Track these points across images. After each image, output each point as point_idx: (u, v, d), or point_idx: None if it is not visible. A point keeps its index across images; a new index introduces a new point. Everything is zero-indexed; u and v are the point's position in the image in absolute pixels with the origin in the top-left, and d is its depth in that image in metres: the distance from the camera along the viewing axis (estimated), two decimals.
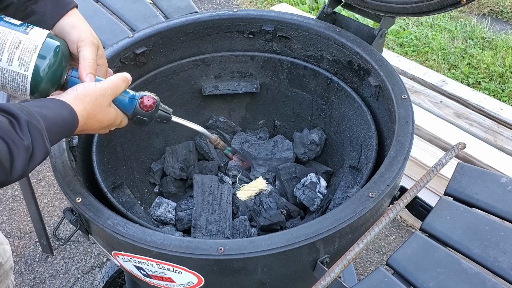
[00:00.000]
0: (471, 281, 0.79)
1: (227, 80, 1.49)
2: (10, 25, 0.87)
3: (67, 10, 0.95)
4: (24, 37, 0.86)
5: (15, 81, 0.87)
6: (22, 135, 0.70)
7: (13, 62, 0.85)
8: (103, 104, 0.88)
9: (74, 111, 0.81)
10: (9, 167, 0.69)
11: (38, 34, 0.88)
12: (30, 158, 0.72)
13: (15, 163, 0.70)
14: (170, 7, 1.52)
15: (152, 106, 0.94)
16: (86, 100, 0.85)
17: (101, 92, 0.87)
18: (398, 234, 2.05)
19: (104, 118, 0.88)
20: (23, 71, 0.86)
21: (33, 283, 1.90)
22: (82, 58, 0.91)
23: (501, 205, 0.91)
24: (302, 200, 1.28)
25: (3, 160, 0.68)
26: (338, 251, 0.90)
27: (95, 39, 0.95)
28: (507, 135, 2.06)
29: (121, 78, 0.92)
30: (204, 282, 0.88)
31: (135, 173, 1.37)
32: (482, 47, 2.98)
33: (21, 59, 0.85)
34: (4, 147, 0.68)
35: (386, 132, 1.17)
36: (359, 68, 1.26)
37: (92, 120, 0.86)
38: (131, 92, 0.95)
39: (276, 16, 1.37)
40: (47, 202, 2.21)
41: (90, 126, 0.86)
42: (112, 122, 0.91)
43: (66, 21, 0.94)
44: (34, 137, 0.72)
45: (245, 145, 1.43)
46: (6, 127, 0.69)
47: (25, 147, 0.70)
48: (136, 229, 0.88)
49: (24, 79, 0.86)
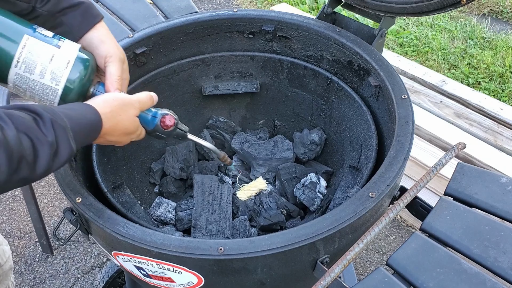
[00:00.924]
0: (471, 281, 0.79)
1: (227, 80, 1.49)
2: (43, 38, 0.88)
3: (95, 23, 0.96)
4: (57, 51, 0.88)
5: (45, 93, 0.89)
6: (46, 131, 0.71)
7: (45, 76, 0.88)
8: (130, 112, 0.90)
9: (98, 113, 0.83)
10: (33, 163, 0.70)
11: (70, 48, 0.90)
12: (55, 155, 0.73)
13: (39, 159, 0.70)
14: (170, 7, 1.52)
15: (172, 125, 0.98)
16: (114, 104, 0.87)
17: (130, 101, 0.90)
18: (398, 234, 2.05)
19: (128, 126, 0.90)
20: (54, 85, 0.88)
21: (33, 283, 1.90)
22: (109, 74, 0.94)
23: (501, 205, 0.91)
24: (302, 200, 1.28)
25: (26, 155, 0.68)
26: (338, 251, 0.90)
27: (122, 54, 0.97)
28: (507, 135, 2.06)
29: (149, 95, 0.96)
30: (204, 282, 0.88)
31: (135, 173, 1.37)
32: (482, 47, 2.98)
33: (53, 74, 0.88)
34: (28, 142, 0.69)
35: (386, 132, 1.17)
36: (359, 68, 1.26)
37: (117, 125, 0.87)
38: (153, 109, 0.98)
39: (276, 16, 1.37)
40: (47, 202, 2.21)
41: (115, 130, 0.87)
42: (134, 131, 0.93)
43: (94, 35, 0.96)
44: (58, 134, 0.72)
45: (245, 145, 1.43)
46: (30, 124, 0.70)
47: (49, 143, 0.71)
48: (136, 229, 0.88)
49: (55, 92, 0.89)
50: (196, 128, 1.52)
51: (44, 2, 0.91)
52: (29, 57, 0.86)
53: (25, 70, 0.86)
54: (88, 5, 0.96)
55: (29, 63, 0.86)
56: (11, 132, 0.67)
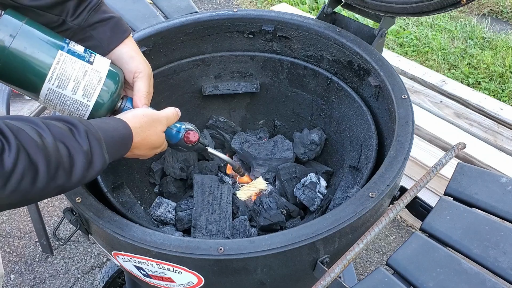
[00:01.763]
0: (471, 281, 0.79)
1: (227, 80, 1.49)
2: (75, 54, 0.89)
3: (124, 37, 0.98)
4: (89, 67, 0.90)
5: (76, 108, 0.90)
6: (81, 141, 0.73)
7: (77, 92, 0.89)
8: (158, 128, 0.93)
9: (129, 127, 0.85)
10: (69, 170, 0.71)
11: (101, 64, 0.91)
12: (89, 166, 0.75)
13: (75, 167, 0.72)
14: (170, 7, 1.52)
15: (196, 141, 1.03)
16: (144, 120, 0.90)
17: (158, 118, 0.93)
18: (398, 234, 2.05)
19: (156, 141, 0.93)
20: (85, 101, 0.89)
21: (33, 283, 1.90)
22: (137, 90, 0.96)
23: (501, 205, 0.91)
24: (302, 200, 1.28)
25: (64, 162, 0.70)
26: (338, 251, 0.90)
27: (150, 70, 0.99)
28: (507, 135, 2.06)
29: (175, 112, 1.00)
30: (204, 282, 0.88)
31: (135, 173, 1.37)
32: (482, 47, 2.98)
33: (86, 90, 0.89)
34: (65, 150, 0.70)
35: (386, 132, 1.17)
36: (359, 68, 1.26)
37: (145, 140, 0.90)
38: (178, 124, 1.02)
39: (276, 16, 1.37)
40: (47, 202, 2.21)
41: (143, 145, 0.90)
42: (160, 146, 0.96)
43: (123, 50, 0.97)
44: (93, 145, 0.75)
45: (245, 145, 1.43)
46: (66, 133, 0.72)
47: (84, 152, 0.73)
48: (136, 229, 0.88)
49: (86, 107, 0.90)
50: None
51: (75, 16, 0.92)
52: (63, 73, 0.87)
53: (58, 86, 0.87)
54: (118, 19, 0.97)
55: (62, 79, 0.87)
56: (49, 139, 0.68)
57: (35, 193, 0.68)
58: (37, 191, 0.68)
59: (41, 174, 0.67)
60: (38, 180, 0.67)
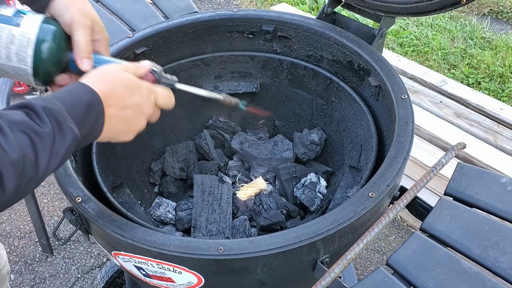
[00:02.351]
0: (471, 281, 0.79)
1: (227, 80, 1.49)
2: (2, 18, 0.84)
3: None
4: (17, 31, 0.84)
5: (19, 74, 0.86)
6: (41, 122, 0.66)
7: (12, 58, 0.84)
8: (128, 77, 0.82)
9: (89, 87, 0.75)
10: (34, 160, 0.65)
11: (30, 24, 0.85)
12: (59, 139, 0.68)
13: (40, 154, 0.65)
14: (170, 7, 1.52)
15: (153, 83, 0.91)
16: (104, 76, 0.79)
17: (120, 67, 0.83)
18: (398, 234, 2.05)
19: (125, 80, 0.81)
20: (23, 66, 0.85)
21: (33, 283, 1.90)
22: (75, 44, 0.87)
23: (501, 205, 0.91)
24: (302, 200, 1.28)
25: (26, 153, 0.64)
26: (338, 251, 0.90)
27: (87, 19, 0.88)
28: (507, 135, 2.06)
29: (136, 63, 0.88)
30: (204, 282, 0.88)
31: (135, 173, 1.37)
32: (482, 47, 2.98)
33: (18, 55, 0.84)
34: (25, 139, 0.64)
35: (386, 132, 1.17)
36: (359, 68, 1.26)
37: (120, 94, 0.79)
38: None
39: (276, 16, 1.37)
40: (47, 202, 2.21)
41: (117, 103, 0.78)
42: (138, 86, 0.83)
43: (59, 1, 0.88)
44: (55, 119, 0.67)
45: (245, 145, 1.43)
46: (22, 119, 0.65)
47: (47, 133, 0.66)
48: (136, 229, 0.87)
49: (26, 72, 0.85)
50: (196, 128, 1.52)
51: None
52: None
53: None
54: None
55: None
56: (5, 135, 0.62)
57: (8, 197, 0.62)
58: (9, 195, 0.62)
59: (10, 174, 0.61)
60: (5, 184, 0.61)
